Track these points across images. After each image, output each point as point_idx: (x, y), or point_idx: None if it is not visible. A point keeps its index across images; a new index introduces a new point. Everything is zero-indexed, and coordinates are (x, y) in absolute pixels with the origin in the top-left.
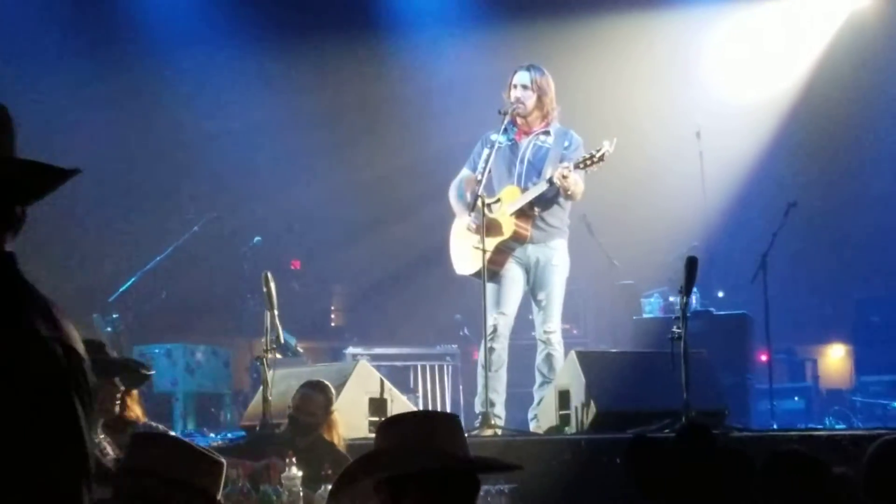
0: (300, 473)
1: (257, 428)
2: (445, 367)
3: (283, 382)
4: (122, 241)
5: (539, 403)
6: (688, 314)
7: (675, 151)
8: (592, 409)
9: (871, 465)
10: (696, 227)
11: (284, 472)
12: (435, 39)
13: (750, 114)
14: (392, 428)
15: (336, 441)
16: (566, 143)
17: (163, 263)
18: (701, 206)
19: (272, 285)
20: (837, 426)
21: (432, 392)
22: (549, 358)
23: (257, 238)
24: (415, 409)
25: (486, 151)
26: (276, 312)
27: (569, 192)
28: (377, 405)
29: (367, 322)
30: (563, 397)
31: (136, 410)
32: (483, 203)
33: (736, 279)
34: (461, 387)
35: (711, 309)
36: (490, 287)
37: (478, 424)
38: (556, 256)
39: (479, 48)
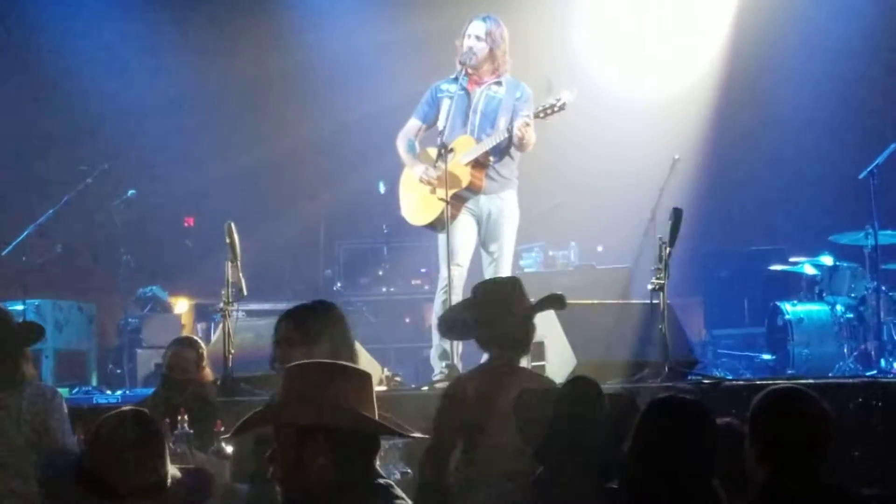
0: (191, 431)
1: (217, 382)
2: None
3: (237, 335)
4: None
5: None
6: (669, 266)
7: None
8: (572, 359)
9: (755, 415)
10: (572, 181)
11: (176, 431)
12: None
13: (635, 70)
14: (300, 376)
15: (212, 395)
16: (518, 94)
17: (57, 216)
18: (575, 160)
19: (235, 237)
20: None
21: None
22: None
23: (131, 191)
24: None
25: (446, 101)
26: (238, 264)
27: (524, 142)
28: None
29: (262, 278)
30: (536, 349)
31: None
32: (446, 153)
33: (615, 233)
34: None
35: (593, 263)
36: (444, 238)
37: (437, 377)
38: (508, 207)
39: (383, 13)
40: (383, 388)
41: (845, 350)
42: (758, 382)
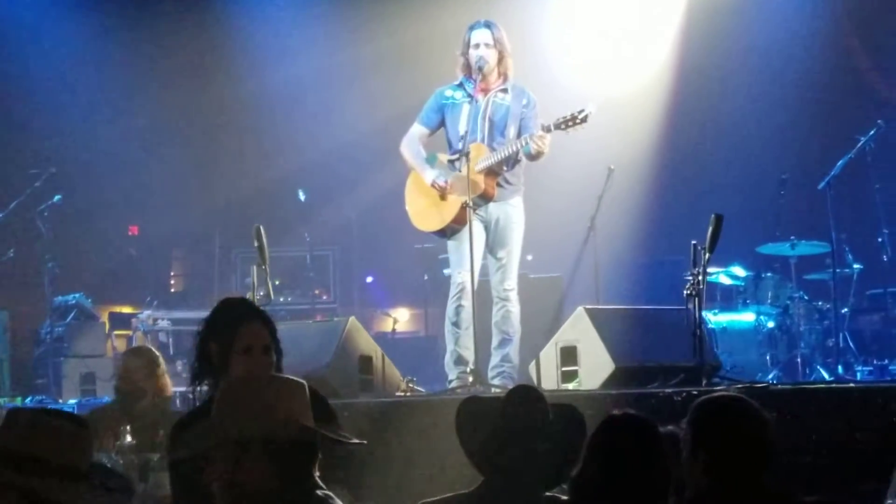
0: (134, 442)
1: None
2: None
3: None
4: None
5: (504, 360)
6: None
7: None
8: (609, 364)
9: (695, 423)
10: None
11: (118, 441)
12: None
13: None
14: (236, 389)
15: (166, 406)
16: (524, 101)
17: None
18: None
19: (264, 240)
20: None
21: None
22: (507, 315)
23: (57, 196)
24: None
25: (465, 107)
26: (266, 268)
27: (542, 153)
28: (365, 363)
29: (208, 287)
30: (568, 353)
31: None
32: (468, 159)
33: (544, 242)
34: None
35: (526, 272)
36: (454, 245)
37: (454, 383)
38: (516, 214)
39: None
40: (400, 393)
41: (768, 358)
42: (804, 386)
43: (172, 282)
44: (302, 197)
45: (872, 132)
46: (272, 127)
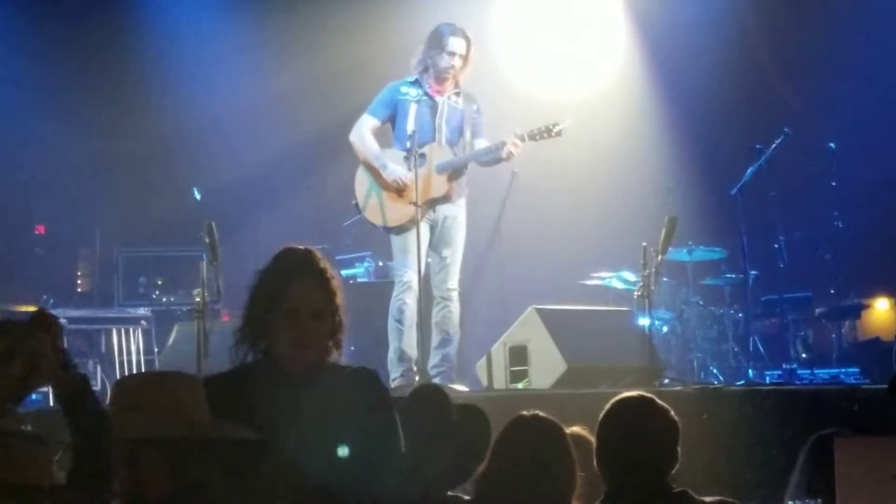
0: None
1: None
2: (136, 330)
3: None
4: None
5: (444, 360)
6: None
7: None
8: (561, 364)
9: (602, 424)
10: None
11: None
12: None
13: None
14: (127, 387)
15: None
16: (475, 107)
17: None
18: None
19: (216, 236)
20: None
21: (120, 355)
22: (449, 315)
23: None
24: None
25: (413, 105)
26: (216, 264)
27: (510, 159)
28: None
29: (113, 287)
30: (517, 353)
31: None
32: (416, 157)
33: None
34: (155, 349)
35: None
36: (400, 242)
37: (397, 381)
38: (461, 214)
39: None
40: None
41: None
42: (757, 388)
43: (79, 281)
44: (197, 196)
45: (780, 139)
46: (181, 132)
